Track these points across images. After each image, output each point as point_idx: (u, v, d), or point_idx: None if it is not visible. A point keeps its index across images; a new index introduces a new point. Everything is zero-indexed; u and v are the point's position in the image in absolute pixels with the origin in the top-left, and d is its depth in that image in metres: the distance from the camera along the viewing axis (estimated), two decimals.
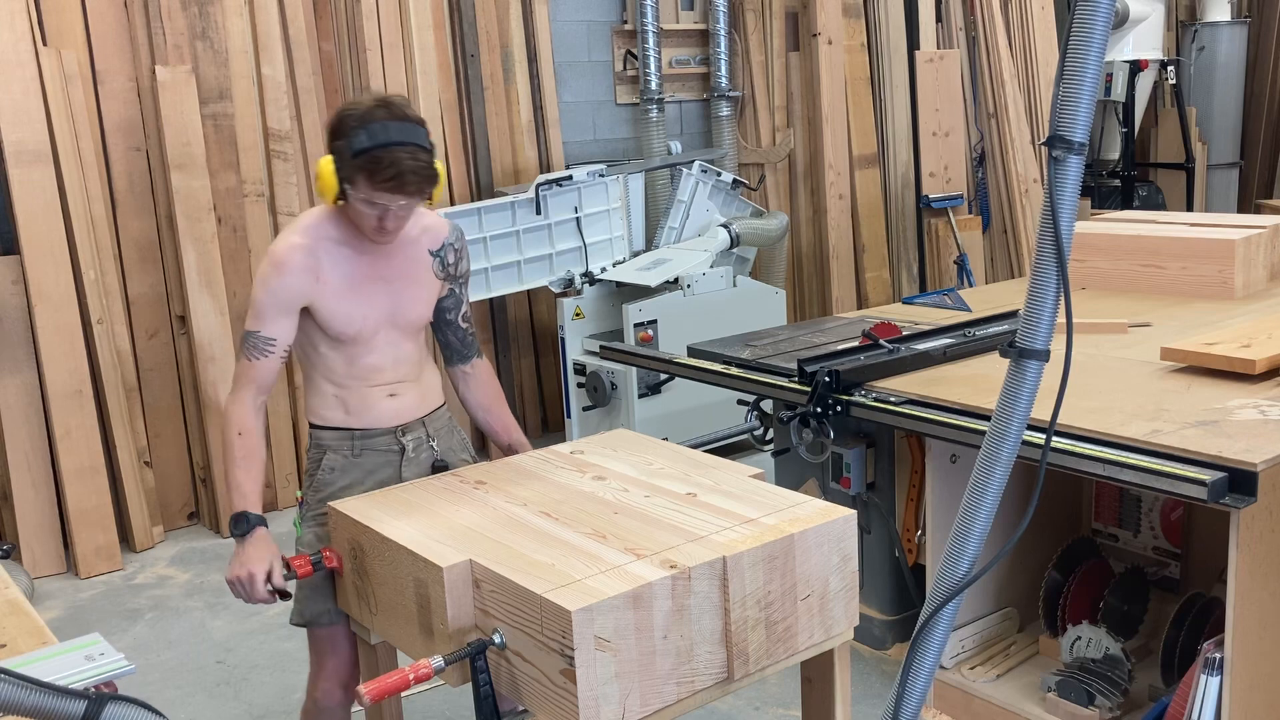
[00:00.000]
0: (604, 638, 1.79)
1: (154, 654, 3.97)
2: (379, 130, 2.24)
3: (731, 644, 1.95)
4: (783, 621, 2.02)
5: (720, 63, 6.68)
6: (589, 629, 1.76)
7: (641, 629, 1.84)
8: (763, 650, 2.00)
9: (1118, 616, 3.26)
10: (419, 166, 2.27)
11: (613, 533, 2.06)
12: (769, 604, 1.99)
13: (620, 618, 1.81)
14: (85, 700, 1.39)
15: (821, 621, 2.09)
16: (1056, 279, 1.46)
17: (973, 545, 1.52)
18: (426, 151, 2.29)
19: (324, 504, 2.46)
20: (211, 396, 5.02)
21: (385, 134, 2.24)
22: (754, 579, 1.96)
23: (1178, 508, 3.39)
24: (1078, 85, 1.43)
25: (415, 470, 2.57)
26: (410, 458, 2.57)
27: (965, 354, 3.45)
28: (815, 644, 2.09)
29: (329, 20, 5.56)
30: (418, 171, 2.27)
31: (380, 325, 2.49)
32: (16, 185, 4.60)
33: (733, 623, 1.94)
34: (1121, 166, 7.55)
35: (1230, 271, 3.98)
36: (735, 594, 1.93)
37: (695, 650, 1.91)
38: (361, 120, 2.26)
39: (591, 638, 1.77)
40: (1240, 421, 2.65)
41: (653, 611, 1.85)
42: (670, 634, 1.87)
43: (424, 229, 2.55)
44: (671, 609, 1.87)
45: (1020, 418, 1.49)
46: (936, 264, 7.04)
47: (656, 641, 1.86)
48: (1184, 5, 8.52)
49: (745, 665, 1.98)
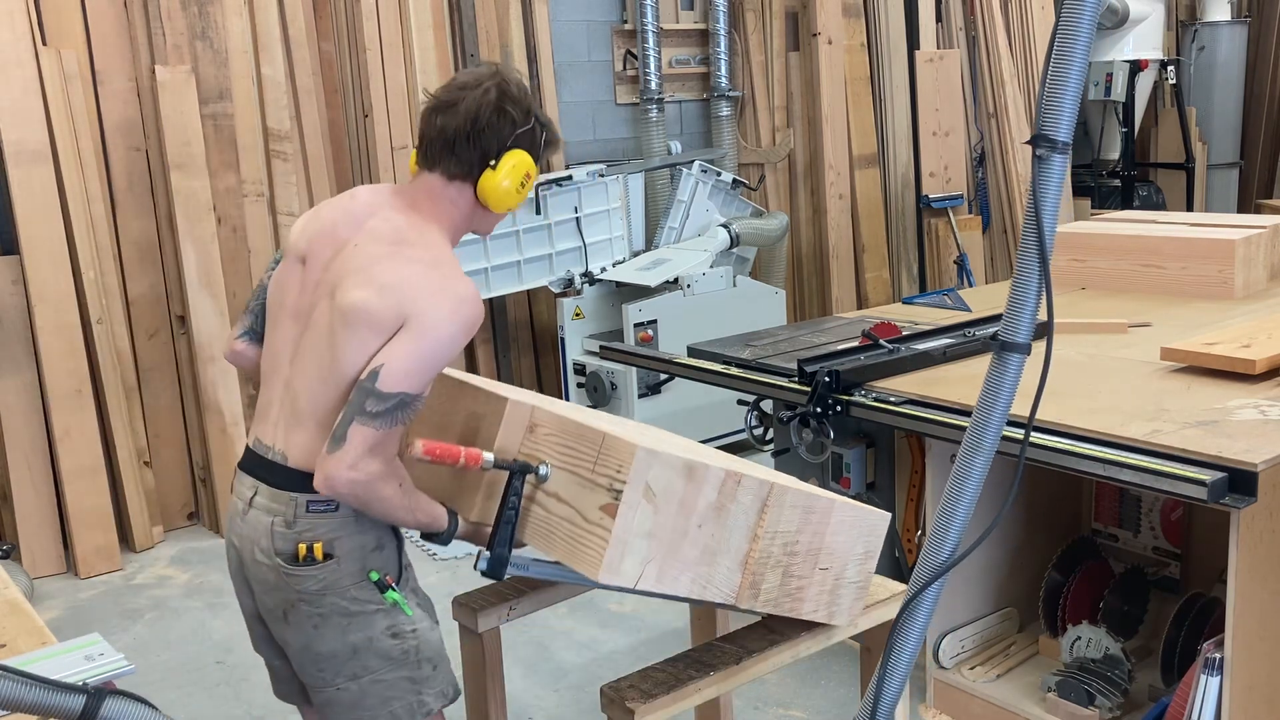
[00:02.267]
0: (653, 490, 1.82)
1: (154, 654, 3.97)
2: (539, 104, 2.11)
3: (749, 570, 1.98)
4: (797, 579, 2.06)
5: (720, 63, 6.68)
6: (645, 472, 1.80)
7: (685, 505, 1.87)
8: (772, 594, 2.03)
9: (1118, 616, 3.26)
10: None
11: (671, 441, 2.13)
12: (792, 552, 2.04)
13: (672, 480, 1.84)
14: (84, 695, 1.40)
15: (828, 603, 2.13)
16: (1039, 274, 1.49)
17: (955, 532, 1.56)
18: None
19: (410, 576, 2.17)
20: (211, 397, 5.02)
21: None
22: (789, 520, 2.01)
23: (1178, 508, 3.39)
24: (1062, 85, 1.45)
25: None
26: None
27: (965, 354, 3.44)
28: (815, 618, 2.12)
29: (329, 20, 5.56)
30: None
31: None
32: (16, 185, 4.60)
33: (758, 551, 1.98)
34: (1121, 166, 7.55)
35: (1230, 271, 3.98)
36: (769, 524, 1.98)
37: (718, 558, 1.94)
38: (527, 89, 2.07)
39: (644, 483, 1.80)
40: (1240, 421, 2.65)
41: (699, 495, 1.88)
42: (705, 526, 1.90)
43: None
44: (714, 504, 1.91)
45: (1002, 409, 1.54)
46: (936, 264, 7.04)
47: (691, 527, 1.89)
48: (1184, 5, 8.52)
49: (753, 598, 2.00)
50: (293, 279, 2.08)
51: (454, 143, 2.02)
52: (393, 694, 2.05)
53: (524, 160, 2.03)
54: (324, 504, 1.99)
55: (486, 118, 2.00)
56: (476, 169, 2.03)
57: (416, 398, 1.91)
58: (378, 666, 2.03)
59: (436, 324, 1.90)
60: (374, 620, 2.03)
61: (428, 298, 1.91)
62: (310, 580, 1.99)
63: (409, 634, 2.06)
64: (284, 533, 2.00)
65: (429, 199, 2.06)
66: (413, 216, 2.03)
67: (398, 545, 2.11)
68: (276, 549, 2.00)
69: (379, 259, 1.96)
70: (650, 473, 1.81)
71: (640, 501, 1.81)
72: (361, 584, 2.02)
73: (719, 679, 2.09)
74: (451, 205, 2.06)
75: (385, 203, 2.08)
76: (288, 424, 2.03)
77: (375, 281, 1.94)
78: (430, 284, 1.93)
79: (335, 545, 2.00)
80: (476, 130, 2.00)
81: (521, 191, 2.05)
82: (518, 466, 1.96)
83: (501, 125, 2.01)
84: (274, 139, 5.26)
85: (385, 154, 5.52)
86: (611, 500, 1.80)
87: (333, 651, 2.02)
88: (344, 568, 2.00)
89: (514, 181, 2.03)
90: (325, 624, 2.01)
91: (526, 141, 2.04)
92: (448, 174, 2.05)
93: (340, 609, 2.01)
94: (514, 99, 2.02)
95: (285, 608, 2.03)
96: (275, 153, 5.27)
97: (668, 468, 1.83)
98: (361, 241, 2.01)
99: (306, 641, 2.03)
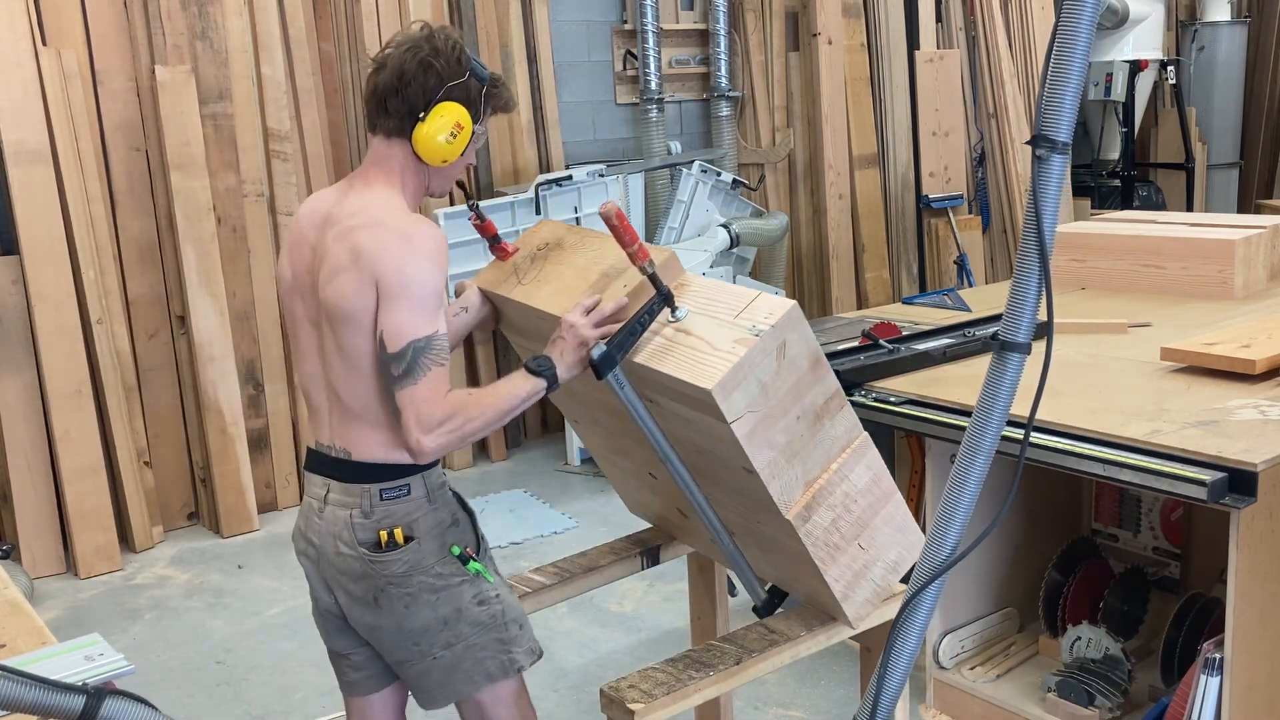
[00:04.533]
0: (785, 351, 1.92)
1: (154, 654, 3.97)
2: (479, 59, 2.11)
3: (810, 493, 2.03)
4: (840, 536, 2.10)
5: (720, 63, 6.68)
6: (788, 329, 1.92)
7: (797, 390, 1.96)
8: (815, 532, 2.06)
9: (1118, 616, 3.26)
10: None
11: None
12: (848, 508, 2.09)
13: (800, 356, 1.95)
14: (84, 695, 1.39)
15: (850, 583, 2.15)
16: (1039, 274, 1.49)
17: (955, 532, 1.56)
18: None
19: (486, 546, 2.23)
20: (211, 397, 5.02)
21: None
22: (859, 475, 2.08)
23: (1178, 508, 3.39)
24: (1062, 85, 1.45)
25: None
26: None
27: (965, 354, 3.44)
28: (834, 588, 2.13)
29: (329, 20, 5.56)
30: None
31: None
32: (16, 185, 4.60)
33: (824, 481, 2.04)
34: (1121, 166, 7.55)
35: (1230, 271, 3.98)
36: (844, 465, 2.06)
37: (794, 462, 2.00)
38: (464, 47, 2.09)
39: (783, 338, 1.92)
40: (1240, 421, 2.65)
41: (810, 390, 1.98)
42: (800, 423, 1.99)
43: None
44: (817, 409, 2.00)
45: (1002, 409, 1.54)
46: (936, 264, 7.04)
47: (791, 414, 1.97)
48: (1184, 5, 8.52)
49: (802, 521, 2.03)
50: (294, 289, 2.16)
51: (385, 100, 2.06)
52: (485, 655, 2.15)
53: (454, 110, 2.04)
54: (396, 490, 2.07)
55: (412, 71, 2.03)
56: (408, 123, 2.06)
57: (429, 338, 1.95)
58: (469, 633, 2.13)
59: (400, 269, 1.95)
60: (460, 591, 2.11)
61: (382, 254, 1.96)
62: (396, 564, 2.07)
63: (493, 599, 2.15)
64: (363, 523, 2.07)
65: (375, 165, 2.11)
66: (363, 192, 2.08)
67: (471, 519, 2.19)
68: (359, 539, 2.08)
69: (336, 250, 2.02)
70: (792, 333, 1.93)
71: (772, 350, 1.91)
72: (444, 559, 2.10)
73: (719, 679, 2.09)
74: (396, 164, 2.10)
75: (342, 188, 2.15)
76: (341, 423, 2.10)
77: (337, 271, 2.00)
78: (379, 241, 1.98)
79: (414, 527, 2.08)
80: (404, 84, 2.04)
81: (454, 142, 2.05)
82: (666, 290, 2.04)
83: (427, 78, 2.03)
84: (274, 139, 5.26)
85: None
86: (749, 336, 1.90)
87: (425, 626, 2.10)
88: (425, 547, 2.09)
89: (443, 131, 2.04)
90: (416, 602, 2.09)
91: (460, 95, 2.05)
92: (386, 133, 2.09)
93: (428, 586, 2.09)
94: (442, 53, 2.04)
95: (375, 594, 2.10)
96: (275, 153, 5.27)
97: (805, 342, 1.96)
98: (324, 238, 2.07)
99: (399, 621, 2.11)
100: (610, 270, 2.16)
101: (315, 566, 2.19)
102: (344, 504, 2.09)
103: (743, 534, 2.27)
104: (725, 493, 2.17)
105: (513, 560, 4.62)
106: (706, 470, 2.16)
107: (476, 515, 2.22)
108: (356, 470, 2.08)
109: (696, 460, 2.15)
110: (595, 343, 2.03)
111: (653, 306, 2.04)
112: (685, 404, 1.99)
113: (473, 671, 2.15)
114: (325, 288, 2.03)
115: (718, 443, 1.99)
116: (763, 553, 2.26)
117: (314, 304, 2.09)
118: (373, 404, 2.05)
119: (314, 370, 2.14)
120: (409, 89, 2.03)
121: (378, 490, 2.07)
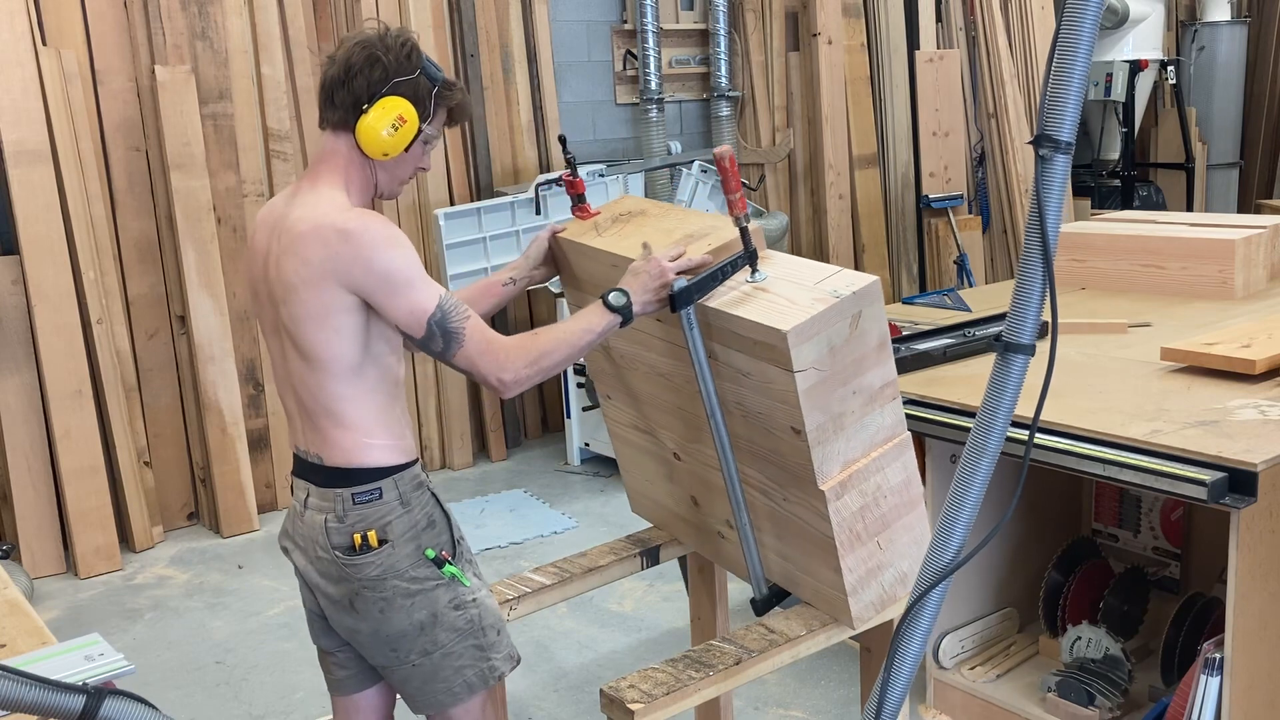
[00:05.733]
0: (859, 321, 1.99)
1: (154, 654, 3.97)
2: (435, 63, 2.12)
3: (846, 473, 2.07)
4: (862, 528, 2.12)
5: (720, 63, 6.68)
6: (866, 301, 1.99)
7: (859, 365, 2.03)
8: (843, 514, 2.08)
9: (1118, 616, 3.26)
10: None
11: None
12: (876, 502, 2.13)
13: (870, 332, 2.02)
14: (84, 695, 1.39)
15: (862, 578, 2.16)
16: (1043, 275, 1.49)
17: (958, 534, 1.55)
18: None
19: (464, 548, 2.21)
20: (211, 397, 5.02)
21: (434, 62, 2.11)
22: (894, 472, 2.14)
23: (1178, 508, 3.39)
24: (1065, 85, 1.45)
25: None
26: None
27: (965, 354, 3.44)
28: (848, 579, 2.14)
29: (329, 20, 5.56)
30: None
31: None
32: (16, 185, 4.60)
33: (860, 467, 2.08)
34: (1121, 166, 7.54)
35: (1230, 271, 3.97)
36: (882, 458, 2.11)
37: (837, 437, 2.04)
38: (420, 48, 2.09)
39: (860, 308, 1.98)
40: (1240, 421, 2.65)
41: (871, 370, 2.05)
42: (854, 399, 2.04)
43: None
44: (873, 391, 2.07)
45: (1006, 410, 1.53)
46: (936, 264, 7.04)
47: (849, 388, 2.03)
48: (1184, 5, 8.52)
49: (835, 498, 2.06)
50: (256, 299, 2.16)
51: (332, 92, 2.06)
52: (464, 663, 2.13)
53: (399, 104, 2.02)
54: (367, 494, 2.07)
55: (359, 65, 2.02)
56: (352, 115, 2.04)
57: (439, 305, 1.97)
58: (446, 640, 2.11)
59: (369, 268, 1.95)
60: (436, 595, 2.10)
61: (349, 261, 1.96)
62: (369, 567, 2.06)
63: (470, 604, 2.13)
64: (337, 527, 2.08)
65: (322, 162, 2.09)
66: (308, 195, 2.06)
67: (448, 520, 2.17)
68: (333, 543, 2.08)
69: (288, 260, 2.01)
70: (869, 307, 1.99)
71: (848, 316, 1.97)
72: (419, 563, 2.09)
73: (719, 679, 2.09)
74: (341, 160, 2.08)
75: (290, 193, 2.13)
76: (310, 428, 2.11)
77: (296, 291, 2.00)
78: (332, 247, 1.96)
79: (387, 530, 2.07)
80: (350, 76, 2.03)
81: (395, 135, 2.02)
82: (753, 250, 2.11)
83: (373, 71, 2.02)
84: (274, 139, 5.26)
85: None
86: (830, 297, 1.96)
87: (402, 631, 2.09)
88: (399, 550, 2.07)
89: (384, 124, 2.01)
90: (390, 607, 2.08)
91: (407, 91, 2.03)
92: (332, 126, 2.08)
93: (402, 590, 2.07)
94: (391, 49, 2.03)
95: (350, 597, 2.10)
96: (275, 153, 5.27)
97: (877, 320, 2.02)
98: (275, 247, 2.06)
99: (375, 626, 2.10)
100: (694, 233, 2.23)
101: (299, 567, 2.21)
102: (320, 508, 2.10)
103: (761, 518, 2.28)
104: (758, 465, 2.19)
105: (513, 560, 4.63)
106: (744, 440, 2.18)
107: (454, 517, 2.21)
108: (329, 475, 2.09)
109: (738, 428, 2.18)
110: (677, 278, 2.08)
111: (737, 260, 2.11)
112: (750, 354, 2.03)
113: (452, 681, 2.14)
114: (283, 293, 2.03)
115: (771, 401, 2.03)
116: (777, 539, 2.27)
117: (273, 313, 2.09)
118: (334, 405, 2.05)
119: (283, 376, 2.14)
120: (354, 81, 2.02)
121: (350, 495, 2.07)
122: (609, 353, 2.52)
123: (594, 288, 2.37)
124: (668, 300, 2.08)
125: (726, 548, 2.49)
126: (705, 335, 2.12)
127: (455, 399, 5.78)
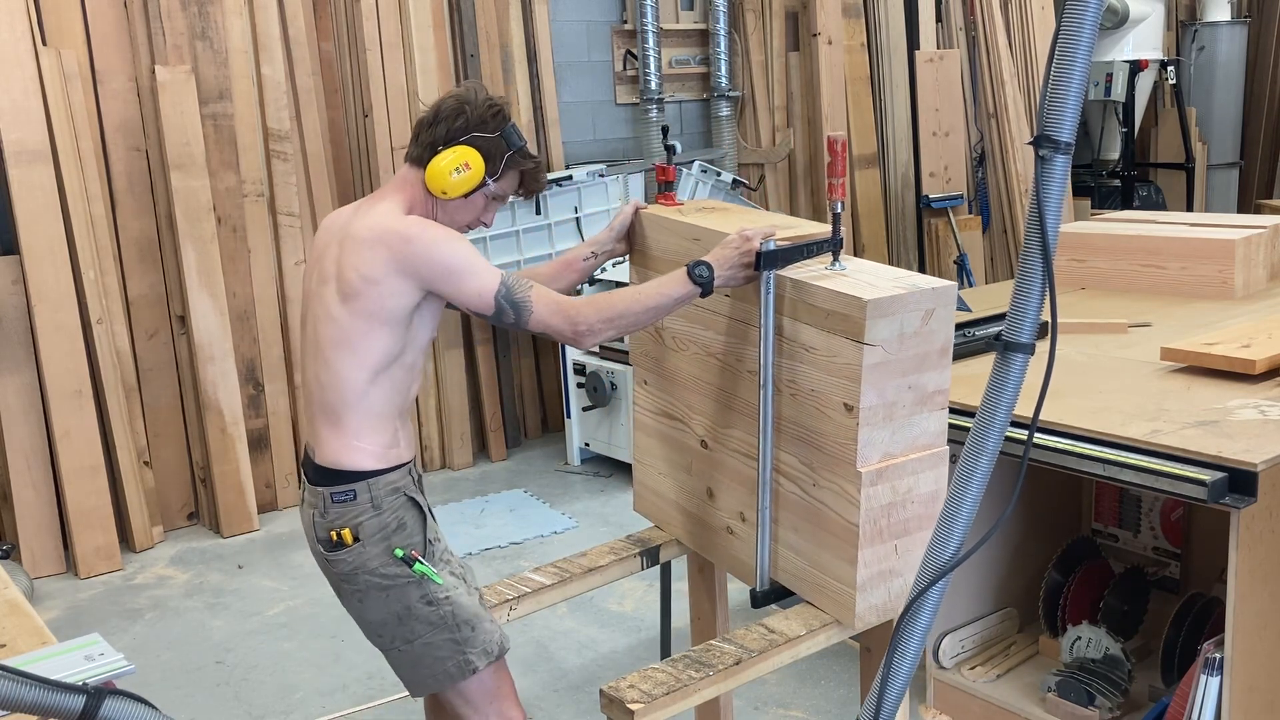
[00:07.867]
0: (929, 319, 2.06)
1: (154, 654, 3.97)
2: (521, 133, 2.30)
3: (882, 465, 2.11)
4: (884, 525, 2.15)
5: (720, 63, 6.68)
6: (940, 299, 2.06)
7: (919, 362, 2.09)
8: (870, 505, 2.11)
9: (1118, 616, 3.26)
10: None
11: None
12: (902, 502, 2.15)
13: (937, 334, 2.09)
14: (84, 695, 1.39)
15: (872, 578, 2.17)
16: (1043, 275, 1.49)
17: (957, 532, 1.56)
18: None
19: (439, 549, 2.34)
20: (211, 397, 5.02)
21: (524, 138, 2.30)
22: (926, 482, 2.17)
23: (1178, 508, 3.39)
24: (1065, 85, 1.45)
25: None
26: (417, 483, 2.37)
27: (965, 354, 3.44)
28: (859, 575, 2.16)
29: (329, 20, 5.56)
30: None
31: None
32: (16, 185, 4.60)
33: (895, 465, 2.12)
34: (1121, 166, 7.55)
35: (1230, 271, 3.97)
36: (919, 462, 2.15)
37: (885, 425, 2.09)
38: (509, 116, 2.29)
39: (933, 305, 2.06)
40: (1240, 421, 2.65)
41: (928, 374, 2.11)
42: (909, 393, 2.10)
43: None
44: (924, 394, 2.12)
45: (1005, 409, 1.54)
46: (936, 264, 7.04)
47: (907, 376, 2.09)
48: (1184, 5, 8.52)
49: (869, 485, 2.09)
50: (308, 296, 2.33)
51: (419, 131, 2.28)
52: (442, 654, 2.27)
53: (468, 153, 2.21)
54: (343, 495, 2.23)
55: (446, 111, 2.24)
56: (428, 153, 2.24)
57: (501, 281, 2.15)
58: (424, 631, 2.25)
59: (430, 262, 2.14)
60: (407, 591, 2.24)
61: (415, 260, 2.14)
62: (342, 563, 2.24)
63: (442, 600, 2.25)
64: (320, 522, 2.26)
65: (394, 186, 2.29)
66: (375, 206, 2.25)
67: (422, 524, 2.30)
68: (318, 537, 2.27)
69: (355, 268, 2.17)
70: (942, 308, 2.07)
71: (923, 309, 2.05)
72: (389, 562, 2.23)
73: (719, 679, 2.09)
74: (410, 188, 2.27)
75: (357, 205, 2.33)
76: (314, 420, 2.30)
77: (359, 292, 2.17)
78: (404, 253, 2.14)
79: (360, 529, 2.23)
80: (437, 120, 2.24)
81: (458, 179, 2.20)
82: (840, 238, 2.21)
83: (456, 120, 2.22)
84: (274, 139, 5.26)
85: (385, 154, 5.52)
86: (910, 287, 2.05)
87: (381, 620, 2.26)
88: (369, 549, 2.23)
89: (450, 166, 2.20)
90: (367, 598, 2.25)
91: (482, 145, 2.22)
92: (411, 160, 2.29)
93: (374, 584, 2.24)
94: (478, 106, 2.24)
95: (336, 587, 2.31)
96: (275, 153, 5.27)
97: (945, 323, 2.09)
98: (337, 252, 2.22)
99: (359, 613, 2.29)
100: (780, 225, 2.32)
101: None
102: (311, 503, 2.29)
103: (780, 509, 2.31)
104: (794, 448, 2.24)
105: (513, 560, 4.63)
106: (786, 422, 2.25)
107: (433, 520, 2.34)
108: (318, 472, 2.26)
109: (783, 408, 2.25)
110: (764, 243, 2.17)
111: (824, 243, 2.21)
112: (821, 326, 2.11)
113: (434, 669, 2.27)
114: (342, 292, 2.18)
115: (830, 376, 2.10)
116: (793, 531, 2.28)
117: (311, 308, 2.27)
118: (335, 410, 2.22)
119: (311, 375, 2.30)
120: (439, 125, 2.23)
121: (329, 493, 2.24)
122: (660, 334, 2.61)
123: (666, 265, 2.45)
124: (750, 274, 2.16)
125: (731, 545, 2.49)
126: (776, 309, 2.20)
127: (455, 399, 5.78)
